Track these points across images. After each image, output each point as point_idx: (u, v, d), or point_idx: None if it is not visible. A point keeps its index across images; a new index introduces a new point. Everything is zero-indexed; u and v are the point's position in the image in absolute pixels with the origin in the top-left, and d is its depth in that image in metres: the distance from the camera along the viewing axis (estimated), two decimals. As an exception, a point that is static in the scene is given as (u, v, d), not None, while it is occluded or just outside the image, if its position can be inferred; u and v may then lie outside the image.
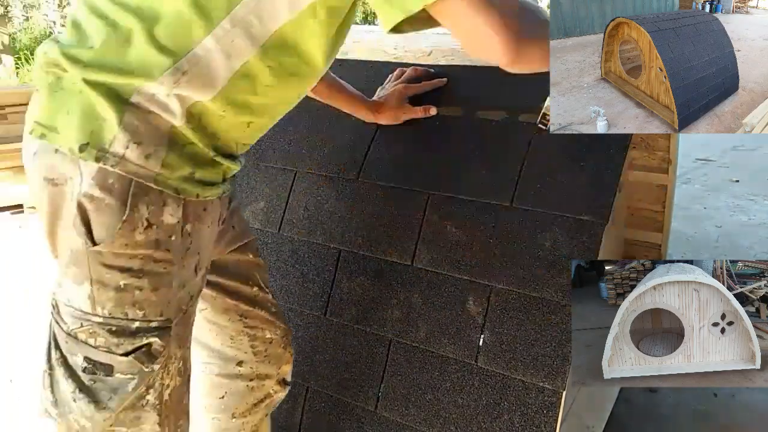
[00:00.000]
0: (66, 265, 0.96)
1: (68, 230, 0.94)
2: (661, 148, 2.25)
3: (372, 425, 1.46)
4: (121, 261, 0.94)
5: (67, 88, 0.92)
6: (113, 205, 0.91)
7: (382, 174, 1.56)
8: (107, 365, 0.96)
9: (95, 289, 0.94)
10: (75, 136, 0.90)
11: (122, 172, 0.91)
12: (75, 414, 0.98)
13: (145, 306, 0.96)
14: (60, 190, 0.93)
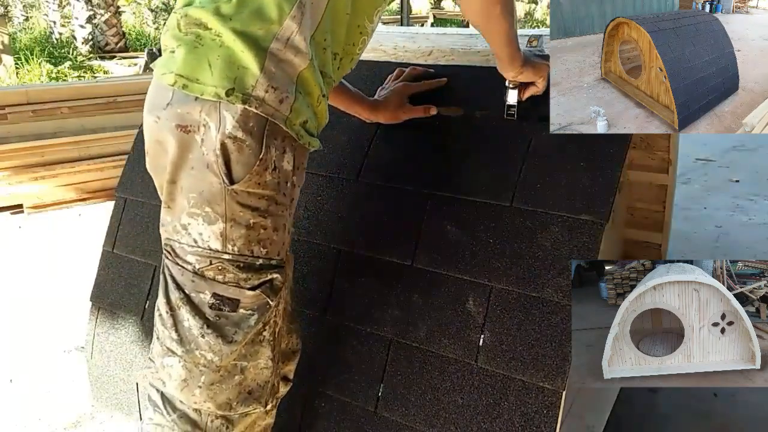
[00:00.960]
0: (194, 206, 1.03)
1: (200, 173, 1.01)
2: (661, 148, 2.25)
3: (372, 425, 1.46)
4: (252, 200, 1.03)
5: (208, 43, 1.01)
6: (252, 146, 1.00)
7: (382, 174, 1.56)
8: (234, 300, 1.05)
9: (228, 226, 1.02)
10: (220, 83, 0.98)
11: (262, 114, 1.00)
12: (202, 349, 1.06)
13: (267, 245, 1.07)
14: (191, 138, 1.01)
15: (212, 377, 1.08)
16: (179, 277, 1.06)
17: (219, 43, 1.00)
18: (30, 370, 2.26)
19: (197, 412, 1.10)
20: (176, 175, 1.04)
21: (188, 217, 1.03)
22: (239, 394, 1.10)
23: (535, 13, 18.45)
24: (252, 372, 1.11)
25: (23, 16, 13.06)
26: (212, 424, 1.09)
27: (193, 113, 1.00)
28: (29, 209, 3.89)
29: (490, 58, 1.63)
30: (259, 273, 1.07)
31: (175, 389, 1.09)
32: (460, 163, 1.49)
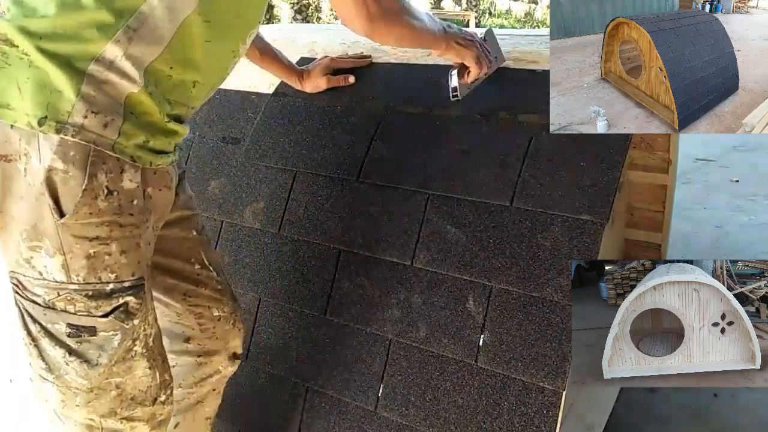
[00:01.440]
0: (29, 239, 0.97)
1: (30, 204, 0.95)
2: (661, 148, 2.25)
3: (372, 425, 1.46)
4: (89, 230, 0.97)
5: (15, 63, 0.92)
6: (76, 175, 0.94)
7: (382, 174, 1.56)
8: (90, 327, 1.02)
9: (68, 258, 0.97)
10: (31, 111, 0.91)
11: (82, 141, 0.93)
12: (70, 374, 1.04)
13: (116, 269, 1.01)
14: (13, 167, 0.94)
15: (87, 397, 1.07)
16: (32, 311, 1.03)
17: (27, 63, 0.92)
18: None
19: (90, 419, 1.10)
20: (4, 204, 0.97)
21: (29, 251, 0.98)
22: (121, 403, 1.09)
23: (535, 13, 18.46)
24: (130, 383, 1.09)
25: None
26: (107, 423, 1.09)
27: (11, 141, 0.93)
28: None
29: (490, 58, 1.64)
30: (110, 299, 1.02)
31: (56, 407, 1.09)
32: (460, 163, 1.49)
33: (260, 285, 1.65)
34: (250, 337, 1.64)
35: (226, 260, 1.71)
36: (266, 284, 1.64)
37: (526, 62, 1.58)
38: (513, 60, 1.60)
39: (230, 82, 1.91)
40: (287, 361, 1.58)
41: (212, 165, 1.80)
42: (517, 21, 18.00)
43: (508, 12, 18.94)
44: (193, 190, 1.81)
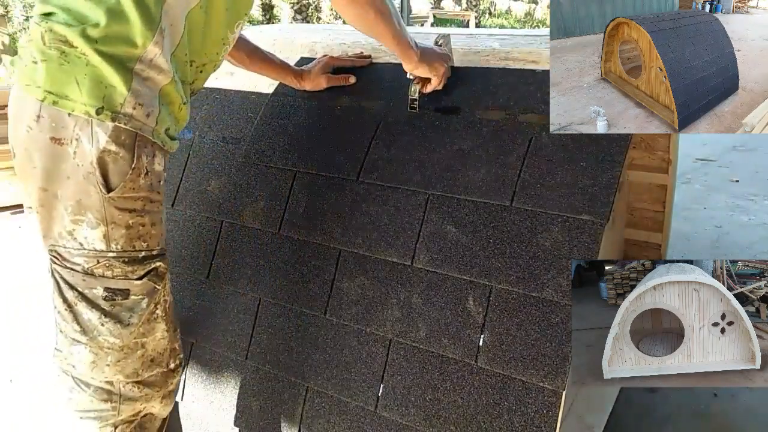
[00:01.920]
0: (74, 213, 1.13)
1: (76, 183, 1.11)
2: (661, 148, 2.25)
3: (372, 425, 1.46)
4: (129, 203, 1.15)
5: (74, 61, 1.08)
6: (126, 156, 1.12)
7: (382, 174, 1.56)
8: (124, 290, 1.18)
9: (110, 228, 1.14)
10: (89, 102, 1.08)
11: (131, 128, 1.11)
12: (104, 335, 1.19)
13: (147, 239, 1.19)
14: (64, 150, 1.10)
15: (117, 356, 1.21)
16: (70, 278, 1.17)
17: (85, 62, 1.08)
18: (30, 370, 2.26)
19: (109, 383, 1.23)
20: (49, 184, 1.13)
21: (72, 224, 1.14)
22: (143, 364, 1.24)
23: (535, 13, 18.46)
24: (151, 344, 1.25)
25: (23, 16, 13.06)
26: (125, 388, 1.24)
27: (67, 127, 1.09)
28: (29, 209, 3.89)
29: (490, 58, 1.64)
30: (143, 264, 1.19)
31: (85, 370, 1.21)
32: (460, 163, 1.49)
33: (260, 285, 1.65)
34: (250, 337, 1.64)
35: (226, 260, 1.71)
36: (266, 284, 1.64)
37: (526, 62, 1.58)
38: (513, 60, 1.60)
39: (230, 82, 1.91)
40: (287, 361, 1.58)
41: (212, 165, 1.80)
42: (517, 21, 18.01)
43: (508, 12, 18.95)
44: (193, 190, 1.81)
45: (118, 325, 1.19)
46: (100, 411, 1.24)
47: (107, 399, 1.23)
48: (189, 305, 1.74)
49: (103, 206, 1.12)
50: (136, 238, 1.17)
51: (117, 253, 1.15)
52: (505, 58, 1.62)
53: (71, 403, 1.24)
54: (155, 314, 1.23)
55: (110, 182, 1.12)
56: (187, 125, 1.89)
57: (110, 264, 1.15)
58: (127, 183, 1.13)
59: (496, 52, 1.66)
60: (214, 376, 1.68)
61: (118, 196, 1.13)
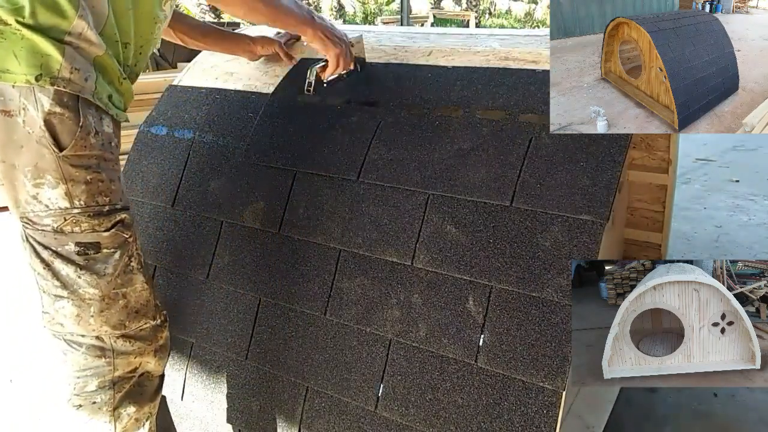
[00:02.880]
0: (34, 177, 1.19)
1: (29, 149, 1.17)
2: (661, 148, 2.25)
3: (372, 425, 1.46)
4: (83, 161, 1.21)
5: (9, 37, 1.14)
6: (71, 116, 1.18)
7: (382, 174, 1.56)
8: (95, 243, 1.25)
9: (70, 186, 1.20)
10: (29, 71, 1.14)
11: (71, 91, 1.18)
12: (83, 287, 1.26)
13: (108, 194, 1.26)
14: (14, 120, 1.16)
15: (100, 306, 1.27)
16: (42, 239, 1.24)
17: (20, 37, 1.15)
18: (30, 370, 2.26)
19: (99, 339, 1.29)
20: (6, 155, 1.19)
21: (34, 188, 1.20)
22: (128, 315, 1.30)
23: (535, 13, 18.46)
24: (133, 296, 1.31)
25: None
26: (116, 343, 1.30)
27: (13, 99, 1.16)
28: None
29: (490, 58, 1.64)
30: (109, 216, 1.26)
31: (72, 325, 1.27)
32: (460, 163, 1.49)
33: (260, 285, 1.65)
34: (250, 337, 1.64)
35: (226, 260, 1.71)
36: (266, 284, 1.64)
37: (526, 62, 1.58)
38: (513, 60, 1.60)
39: (230, 82, 1.91)
40: (287, 361, 1.58)
41: (212, 165, 1.80)
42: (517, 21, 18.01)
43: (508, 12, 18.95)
44: (193, 190, 1.81)
45: (95, 276, 1.25)
46: (95, 368, 1.29)
47: (100, 355, 1.29)
48: (189, 305, 1.74)
49: (59, 165, 1.19)
50: (97, 193, 1.23)
51: (81, 209, 1.22)
52: (505, 58, 1.62)
53: (66, 365, 1.30)
54: (130, 266, 1.30)
55: (61, 141, 1.18)
56: (187, 125, 1.89)
57: (77, 220, 1.22)
58: (77, 141, 1.19)
59: (496, 52, 1.66)
60: (214, 376, 1.68)
61: (71, 154, 1.19)
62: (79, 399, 1.30)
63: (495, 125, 1.49)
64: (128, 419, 1.34)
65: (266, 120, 1.77)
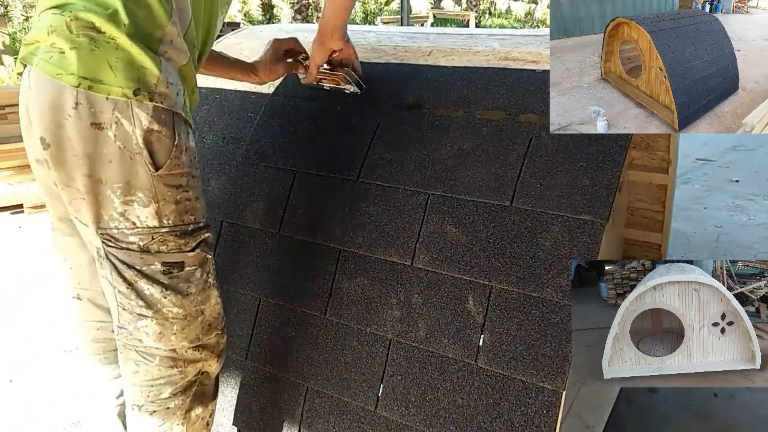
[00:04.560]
0: (124, 194, 1.16)
1: (120, 165, 1.14)
2: (661, 148, 2.25)
3: (372, 425, 1.46)
4: (175, 180, 1.19)
5: (103, 46, 1.11)
6: (168, 134, 1.16)
7: (382, 174, 1.56)
8: (179, 263, 1.23)
9: (161, 205, 1.18)
10: (125, 84, 1.11)
11: (168, 107, 1.15)
12: (167, 307, 1.25)
13: (194, 212, 1.24)
14: (104, 134, 1.12)
15: (182, 324, 1.27)
16: (126, 258, 1.21)
17: (115, 46, 1.11)
18: (30, 370, 2.26)
19: (173, 351, 1.29)
20: (93, 170, 1.15)
21: (123, 205, 1.17)
22: (203, 329, 1.31)
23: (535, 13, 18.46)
24: (209, 310, 1.31)
25: (23, 16, 13.05)
26: (187, 353, 1.30)
27: (105, 112, 1.11)
28: (29, 209, 3.89)
29: (490, 58, 1.64)
30: (194, 235, 1.24)
31: (153, 342, 1.27)
32: (460, 163, 1.49)
33: (260, 285, 1.65)
34: (250, 337, 1.64)
35: (226, 260, 1.71)
36: (266, 284, 1.64)
37: (526, 62, 1.58)
38: (513, 60, 1.60)
39: (230, 82, 1.91)
40: (287, 361, 1.58)
41: (212, 165, 1.80)
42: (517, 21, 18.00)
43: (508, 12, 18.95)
44: (193, 190, 1.81)
45: (179, 295, 1.25)
46: (168, 376, 1.30)
47: (173, 365, 1.29)
48: (189, 305, 1.74)
49: (152, 184, 1.16)
50: (184, 212, 1.22)
51: (170, 228, 1.20)
52: (505, 58, 1.62)
53: (138, 375, 1.30)
54: (208, 282, 1.30)
55: (157, 161, 1.16)
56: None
57: (164, 239, 1.20)
58: (172, 160, 1.17)
59: (496, 52, 1.66)
60: (214, 376, 1.68)
61: (165, 173, 1.17)
62: (153, 406, 1.30)
63: (495, 125, 1.49)
64: (197, 420, 1.36)
65: (266, 120, 1.77)
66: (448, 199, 1.46)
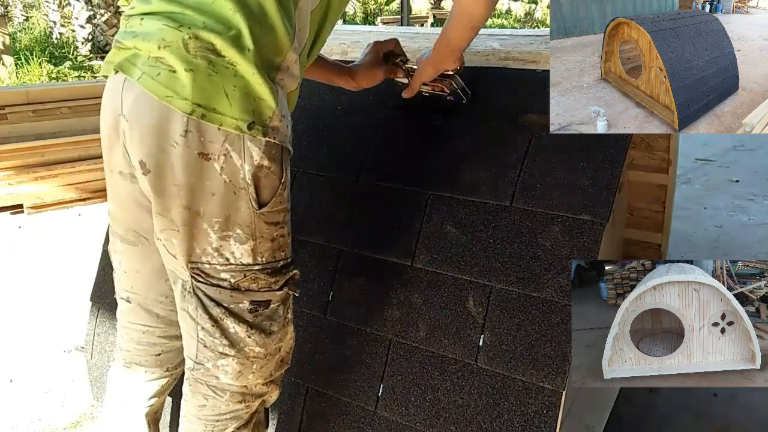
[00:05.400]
0: (221, 230, 1.09)
1: (223, 199, 1.07)
2: (661, 148, 2.25)
3: (372, 425, 1.46)
4: (275, 217, 1.13)
5: (221, 72, 1.02)
6: (276, 171, 1.09)
7: (382, 174, 1.56)
8: (266, 301, 1.17)
9: (258, 243, 1.12)
10: (240, 116, 1.02)
11: (279, 142, 1.08)
12: (250, 346, 1.19)
13: (285, 248, 1.19)
14: (210, 165, 1.05)
15: (261, 363, 1.22)
16: (216, 295, 1.14)
17: (233, 72, 1.02)
18: (30, 370, 2.26)
19: (245, 387, 1.24)
20: (192, 201, 1.07)
21: (219, 240, 1.10)
22: (276, 365, 1.26)
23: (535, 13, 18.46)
24: (285, 346, 1.27)
25: (23, 16, 13.05)
26: (257, 389, 1.26)
27: (215, 143, 1.03)
28: (29, 209, 3.89)
29: (490, 58, 1.64)
30: (283, 273, 1.18)
31: (230, 380, 1.22)
32: (460, 163, 1.48)
33: (260, 285, 1.65)
34: (250, 337, 1.64)
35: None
36: (266, 284, 1.64)
37: (526, 62, 1.58)
38: (513, 60, 1.60)
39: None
40: (287, 361, 1.58)
41: (212, 165, 1.80)
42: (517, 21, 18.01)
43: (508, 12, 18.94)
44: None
45: (263, 334, 1.19)
46: (235, 411, 1.25)
47: (241, 400, 1.25)
48: (189, 305, 1.74)
49: (253, 221, 1.10)
50: (278, 249, 1.16)
51: (262, 266, 1.14)
52: (505, 58, 1.62)
53: (205, 410, 1.25)
54: (287, 318, 1.24)
55: (262, 198, 1.09)
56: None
57: (256, 277, 1.14)
58: (276, 197, 1.11)
59: (496, 52, 1.66)
60: (214, 376, 1.68)
61: (267, 211, 1.11)
62: None
63: (495, 125, 1.49)
64: None
65: (266, 120, 1.77)
66: (448, 199, 1.46)
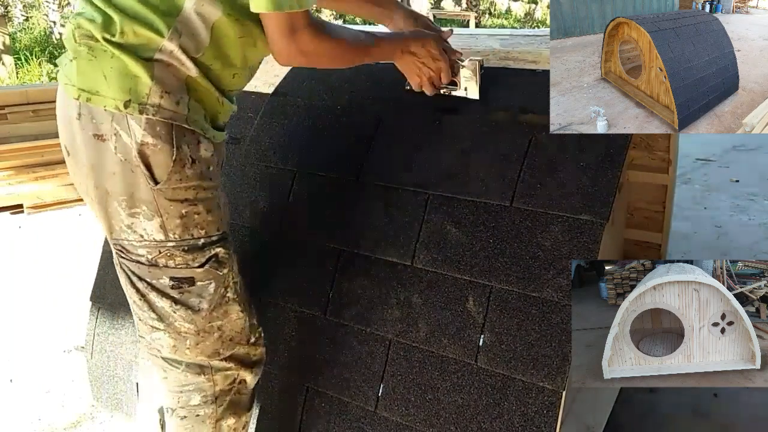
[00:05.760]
0: (129, 207, 1.14)
1: (123, 177, 1.12)
2: (661, 148, 2.25)
3: (372, 425, 1.46)
4: (179, 194, 1.14)
5: (100, 55, 1.09)
6: (164, 148, 1.11)
7: (382, 174, 1.56)
8: (189, 278, 1.19)
9: (164, 219, 1.14)
10: (118, 95, 1.08)
11: (162, 119, 1.10)
12: (178, 321, 1.22)
13: (204, 226, 1.19)
14: (106, 145, 1.11)
15: (195, 339, 1.24)
16: (137, 270, 1.19)
17: (110, 55, 1.09)
18: (30, 370, 2.26)
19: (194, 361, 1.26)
20: (99, 180, 1.14)
21: (129, 218, 1.15)
22: (222, 344, 1.27)
23: (535, 13, 18.45)
24: (228, 326, 1.27)
25: (23, 16, 13.05)
26: (214, 362, 1.27)
27: (105, 123, 1.10)
28: (29, 209, 3.89)
29: (490, 59, 1.64)
30: (203, 251, 1.19)
31: (169, 353, 1.25)
32: (460, 163, 1.49)
33: (260, 285, 1.65)
34: (250, 337, 1.64)
35: (226, 260, 1.71)
36: (266, 284, 1.64)
37: (526, 62, 1.58)
38: (513, 60, 1.60)
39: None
40: (287, 361, 1.58)
41: (212, 165, 1.80)
42: (517, 21, 18.00)
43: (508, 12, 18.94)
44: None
45: (189, 311, 1.21)
46: (196, 383, 1.27)
47: (200, 372, 1.26)
48: (189, 305, 1.74)
49: (154, 198, 1.13)
50: (192, 226, 1.17)
51: (176, 242, 1.16)
52: (505, 58, 1.62)
53: (168, 382, 1.28)
54: (226, 297, 1.24)
55: (155, 174, 1.12)
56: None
57: (171, 253, 1.17)
58: (172, 175, 1.12)
59: (496, 52, 1.66)
60: (214, 376, 1.68)
61: (165, 187, 1.13)
62: (183, 411, 1.29)
63: (495, 125, 1.49)
64: (228, 431, 1.33)
65: (266, 120, 1.77)
66: (448, 199, 1.46)
